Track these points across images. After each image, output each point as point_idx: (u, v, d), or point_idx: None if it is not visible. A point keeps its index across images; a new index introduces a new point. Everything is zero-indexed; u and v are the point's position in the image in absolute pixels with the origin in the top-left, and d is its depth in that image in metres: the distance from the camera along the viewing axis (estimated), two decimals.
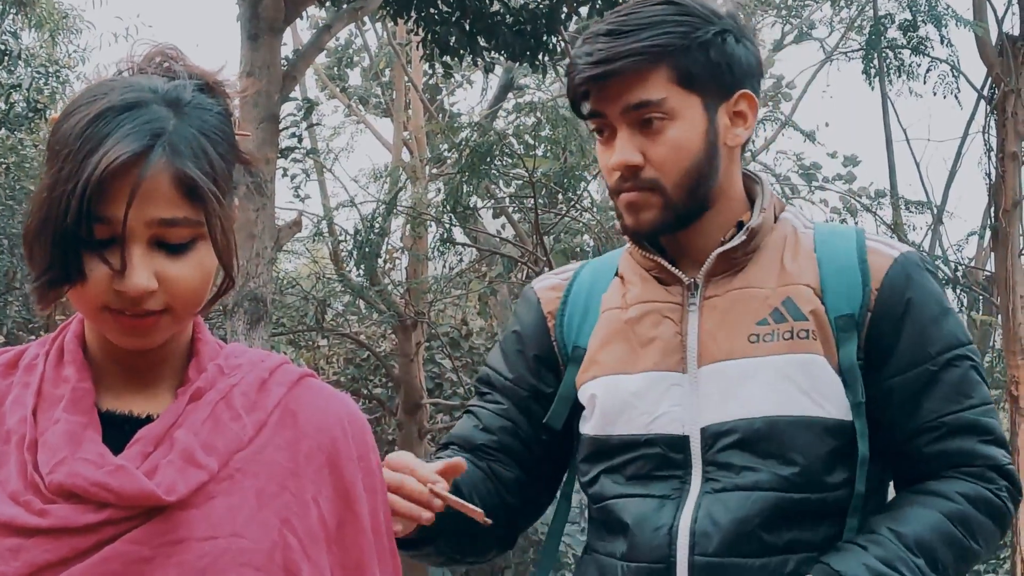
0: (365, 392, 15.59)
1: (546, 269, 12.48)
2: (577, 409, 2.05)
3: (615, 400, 1.97)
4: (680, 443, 1.92)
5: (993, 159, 11.38)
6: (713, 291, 1.96)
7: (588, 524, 2.07)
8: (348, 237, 13.94)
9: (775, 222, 2.00)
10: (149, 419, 1.52)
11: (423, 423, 13.79)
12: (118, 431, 1.50)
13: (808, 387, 1.88)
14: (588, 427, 2.02)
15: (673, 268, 1.98)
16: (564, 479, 2.15)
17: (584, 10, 9.78)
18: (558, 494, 2.18)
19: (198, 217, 1.43)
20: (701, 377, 1.93)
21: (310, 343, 15.33)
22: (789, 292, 1.92)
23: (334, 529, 1.56)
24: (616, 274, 2.07)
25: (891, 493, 2.02)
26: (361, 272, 13.72)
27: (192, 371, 1.56)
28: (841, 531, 1.89)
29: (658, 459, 1.93)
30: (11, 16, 13.41)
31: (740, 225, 1.98)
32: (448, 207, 12.70)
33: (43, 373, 1.54)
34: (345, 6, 9.16)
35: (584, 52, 1.93)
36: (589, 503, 2.04)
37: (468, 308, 16.83)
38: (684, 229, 1.98)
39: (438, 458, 2.04)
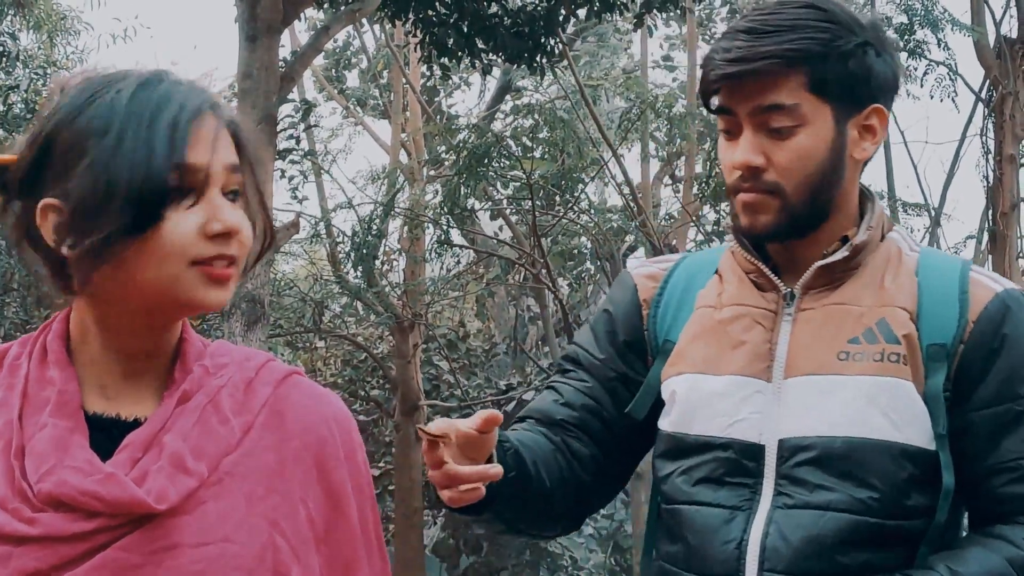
0: (362, 394, 15.60)
1: (543, 271, 12.50)
2: (660, 403, 2.03)
3: (696, 398, 1.96)
4: (755, 451, 1.90)
5: (991, 162, 11.41)
6: (809, 304, 1.94)
7: (656, 527, 2.06)
8: (346, 239, 13.95)
9: (881, 241, 1.98)
10: (136, 422, 1.51)
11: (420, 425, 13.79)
12: (105, 435, 1.49)
13: (891, 411, 1.85)
14: (667, 423, 2.00)
15: (773, 275, 1.96)
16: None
17: (582, 12, 9.79)
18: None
19: (243, 167, 1.51)
20: (785, 388, 1.91)
21: (307, 344, 15.34)
22: (885, 313, 1.90)
23: (323, 529, 1.56)
24: (716, 272, 2.05)
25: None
26: (359, 274, 13.73)
27: (178, 372, 1.55)
28: (914, 558, 1.86)
29: (731, 464, 1.91)
30: (9, 17, 13.41)
31: (844, 240, 1.96)
32: (446, 209, 12.72)
33: (27, 374, 1.52)
34: (343, 8, 9.16)
35: (722, 48, 1.90)
36: (660, 502, 2.03)
37: (466, 310, 16.85)
38: (798, 238, 1.96)
39: (513, 430, 2.05)
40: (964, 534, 1.97)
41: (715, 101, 1.94)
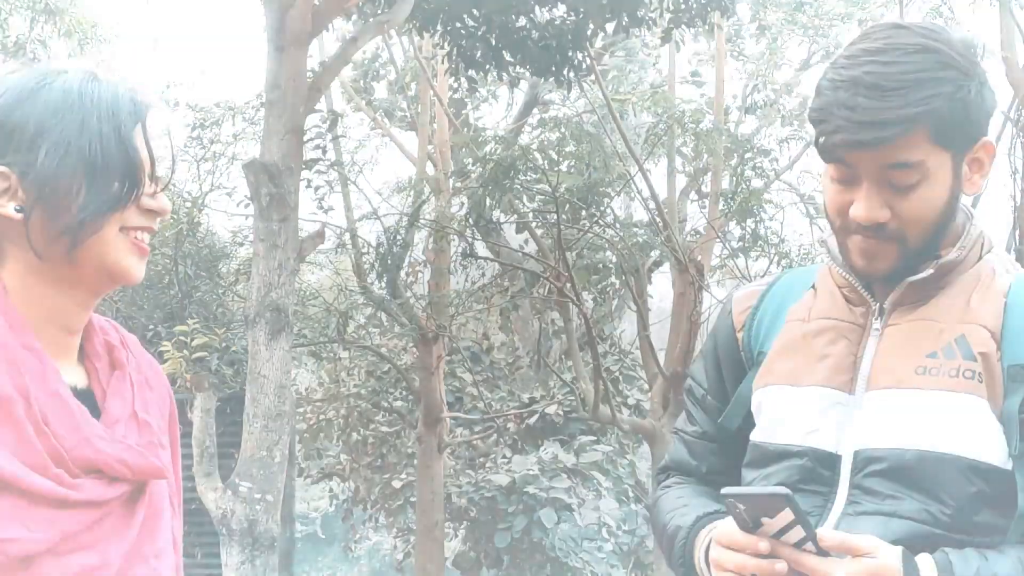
0: (385, 405, 15.60)
1: (568, 285, 12.49)
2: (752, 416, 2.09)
3: (780, 409, 2.01)
4: (831, 461, 1.94)
5: (1018, 181, 11.34)
6: (896, 319, 1.97)
7: None
8: (371, 249, 13.96)
9: (978, 261, 2.00)
10: (86, 391, 1.62)
11: (443, 437, 13.78)
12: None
13: (962, 427, 1.86)
14: (755, 434, 2.07)
15: (863, 291, 1.99)
16: None
17: (610, 27, 9.79)
18: None
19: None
20: (866, 401, 1.94)
21: (331, 355, 15.34)
22: (965, 330, 1.91)
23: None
24: (811, 286, 2.10)
25: None
26: (383, 285, 13.74)
27: (97, 344, 1.67)
28: None
29: (806, 472, 1.96)
30: (40, 25, 13.51)
31: (938, 258, 1.97)
32: (471, 221, 12.72)
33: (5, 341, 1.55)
34: (371, 19, 9.19)
35: (843, 103, 1.85)
36: None
37: (490, 322, 16.82)
38: (911, 274, 1.96)
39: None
40: None
41: (833, 151, 1.90)
